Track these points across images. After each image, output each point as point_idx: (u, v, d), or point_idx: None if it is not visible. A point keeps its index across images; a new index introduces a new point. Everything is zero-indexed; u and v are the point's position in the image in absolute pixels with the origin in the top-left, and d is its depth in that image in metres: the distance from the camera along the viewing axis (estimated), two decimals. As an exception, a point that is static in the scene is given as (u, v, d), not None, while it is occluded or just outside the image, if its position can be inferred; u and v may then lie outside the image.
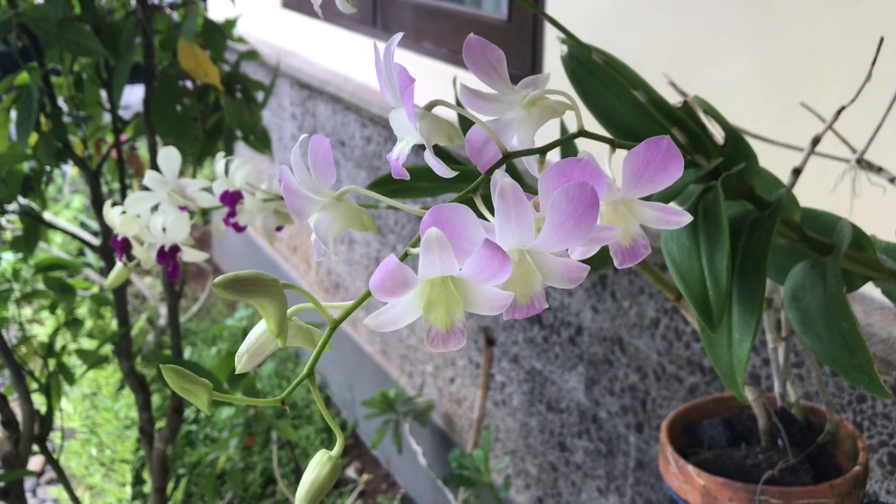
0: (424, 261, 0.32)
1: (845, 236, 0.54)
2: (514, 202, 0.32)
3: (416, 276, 0.33)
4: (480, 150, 0.39)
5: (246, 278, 0.32)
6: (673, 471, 0.75)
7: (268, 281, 0.33)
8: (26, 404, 1.29)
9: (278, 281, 0.33)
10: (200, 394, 0.31)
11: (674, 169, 0.36)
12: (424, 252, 0.32)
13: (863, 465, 0.72)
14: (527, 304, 0.34)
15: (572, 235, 0.33)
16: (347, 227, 0.37)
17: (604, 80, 0.53)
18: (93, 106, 1.39)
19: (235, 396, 0.32)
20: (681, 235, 0.50)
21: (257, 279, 0.32)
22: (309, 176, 0.37)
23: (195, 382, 0.31)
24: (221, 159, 0.71)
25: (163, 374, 0.31)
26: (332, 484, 0.33)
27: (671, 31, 1.21)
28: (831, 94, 1.00)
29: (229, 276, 0.31)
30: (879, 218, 0.79)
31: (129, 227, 0.67)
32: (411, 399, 1.96)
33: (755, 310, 0.48)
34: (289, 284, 0.34)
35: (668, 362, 1.28)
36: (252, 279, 0.32)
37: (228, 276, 0.31)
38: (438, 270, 0.33)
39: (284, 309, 0.34)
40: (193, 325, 2.85)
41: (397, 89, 0.36)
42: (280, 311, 0.33)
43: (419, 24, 1.83)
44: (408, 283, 0.33)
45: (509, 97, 0.40)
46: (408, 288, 0.33)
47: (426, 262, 0.32)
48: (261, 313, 0.33)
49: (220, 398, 0.31)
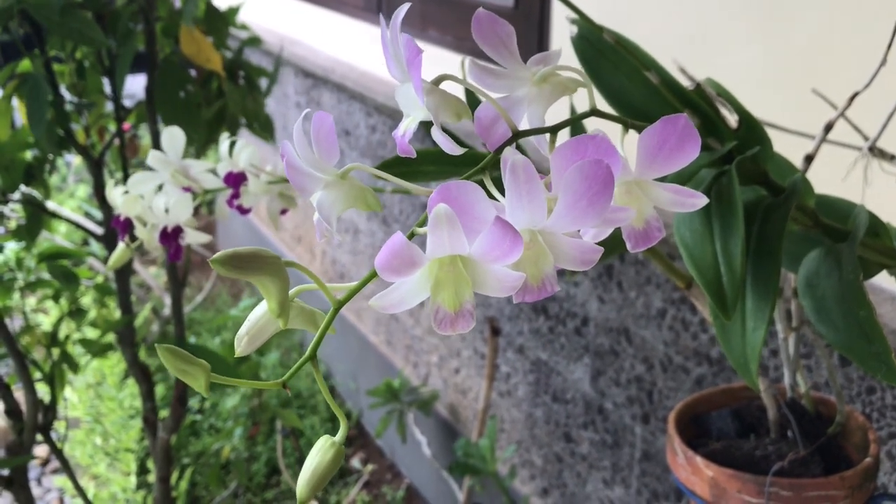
0: (433, 238, 0.31)
1: (862, 222, 0.53)
2: (526, 179, 0.31)
3: (424, 255, 0.32)
4: (489, 127, 0.38)
5: (246, 254, 0.30)
6: (681, 462, 0.74)
7: (269, 258, 0.31)
8: (30, 393, 1.28)
9: (280, 258, 0.32)
10: (198, 375, 0.30)
11: (691, 148, 0.34)
12: (433, 229, 0.31)
13: (874, 457, 0.71)
14: (538, 286, 0.33)
15: (586, 215, 0.31)
16: (351, 205, 0.36)
17: (615, 61, 0.52)
18: (95, 94, 1.38)
19: (236, 380, 0.31)
20: (693, 220, 0.49)
21: (258, 255, 0.31)
22: (312, 153, 0.36)
23: (193, 363, 0.29)
24: (226, 140, 0.70)
25: (159, 354, 0.30)
26: (334, 470, 0.32)
27: (682, 17, 1.19)
28: (844, 80, 0.98)
29: (228, 252, 0.30)
30: (892, 206, 0.78)
31: (132, 207, 0.66)
32: (416, 389, 1.96)
33: (769, 297, 0.47)
34: (291, 263, 0.33)
35: (675, 353, 1.27)
36: (252, 255, 0.31)
37: (228, 252, 0.30)
38: (447, 249, 0.31)
39: (286, 288, 0.33)
40: (198, 314, 2.85)
41: (404, 62, 0.35)
42: (282, 289, 0.32)
43: (425, 11, 1.81)
44: (415, 261, 0.31)
45: (520, 73, 0.39)
46: (415, 267, 0.32)
47: (434, 239, 0.31)
48: (261, 292, 0.32)
49: (218, 380, 0.30)
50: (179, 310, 1.43)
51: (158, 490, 1.47)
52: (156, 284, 2.83)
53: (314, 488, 0.31)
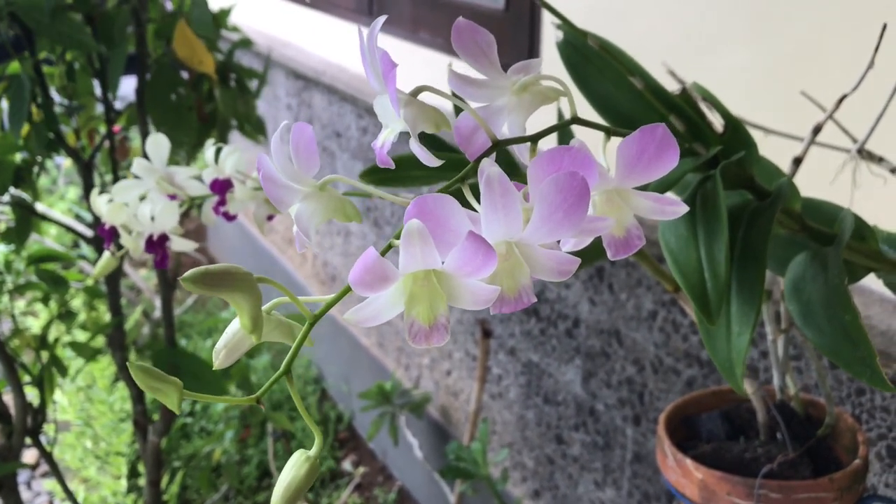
0: (405, 254, 0.31)
1: (847, 226, 0.53)
2: (501, 192, 0.31)
3: (397, 270, 0.32)
4: (469, 137, 0.38)
5: (216, 273, 0.30)
6: (671, 464, 0.74)
7: (239, 275, 0.31)
8: (19, 397, 1.28)
9: (251, 275, 0.32)
10: (170, 392, 0.30)
11: (669, 158, 0.34)
12: (405, 245, 0.31)
13: (863, 459, 0.71)
14: (514, 297, 0.33)
15: (561, 227, 0.31)
16: (330, 217, 0.35)
17: (600, 66, 0.52)
18: (85, 96, 1.37)
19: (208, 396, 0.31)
20: (678, 226, 0.48)
21: (228, 273, 0.31)
22: (290, 164, 0.35)
23: (164, 381, 0.29)
24: (212, 146, 0.69)
25: (131, 372, 0.30)
26: (309, 484, 0.32)
27: (670, 20, 1.19)
28: (832, 82, 0.99)
29: (200, 271, 0.30)
30: (880, 209, 0.78)
31: (117, 215, 0.65)
32: (408, 391, 1.95)
33: (755, 301, 0.47)
34: (263, 278, 0.33)
35: (666, 355, 1.28)
36: (223, 273, 0.30)
37: (199, 270, 0.30)
38: (420, 264, 0.31)
39: (258, 304, 0.32)
40: (189, 317, 2.84)
41: (380, 74, 0.35)
42: (254, 306, 0.32)
43: (416, 14, 1.81)
44: (388, 277, 0.31)
45: (500, 83, 0.39)
46: (388, 282, 0.32)
47: (407, 255, 0.31)
48: (234, 308, 0.32)
49: (190, 396, 0.30)
50: (169, 313, 1.42)
51: (149, 493, 1.47)
52: (146, 287, 2.82)
53: (289, 502, 0.31)
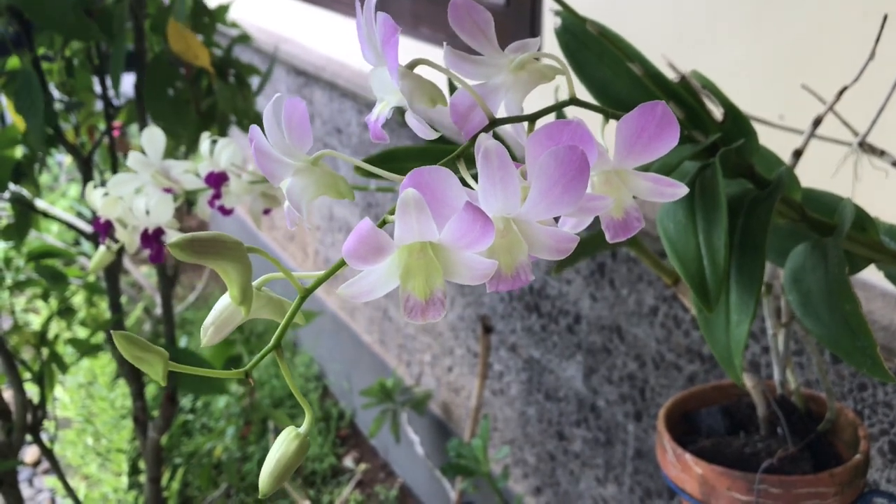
0: (401, 224, 0.30)
1: (847, 216, 0.53)
2: (499, 165, 0.30)
3: (393, 242, 0.31)
4: (465, 115, 0.37)
5: (205, 239, 0.30)
6: (671, 459, 0.73)
7: (229, 243, 0.30)
8: (19, 393, 1.28)
9: (241, 244, 0.31)
10: (155, 363, 0.29)
11: (669, 136, 0.34)
12: (401, 215, 0.30)
13: (864, 454, 0.70)
14: (512, 275, 0.32)
15: (560, 202, 0.31)
16: (322, 193, 0.35)
17: (598, 52, 0.51)
18: (84, 92, 1.37)
19: (192, 368, 0.30)
20: (677, 212, 0.48)
21: (217, 240, 0.30)
22: (282, 138, 0.35)
23: (149, 351, 0.29)
24: (207, 139, 0.69)
25: (115, 341, 0.29)
26: (299, 462, 0.31)
27: (671, 12, 1.19)
28: (833, 75, 0.98)
29: (187, 237, 0.29)
30: (882, 202, 0.77)
31: (112, 209, 0.65)
32: (409, 388, 1.95)
33: (754, 290, 0.46)
34: (254, 248, 0.32)
35: (667, 350, 1.27)
36: (212, 240, 0.30)
37: (187, 235, 0.29)
38: (416, 235, 0.31)
39: (248, 274, 0.32)
40: (190, 314, 2.84)
41: (379, 42, 0.34)
42: (243, 275, 0.31)
43: (416, 9, 1.81)
44: (383, 248, 0.30)
45: (497, 61, 0.38)
46: (383, 254, 0.31)
47: (403, 225, 0.30)
48: (223, 278, 0.31)
49: (174, 367, 0.29)
50: (169, 309, 1.42)
51: (149, 490, 1.47)
52: (148, 284, 2.82)
53: (278, 480, 0.30)
